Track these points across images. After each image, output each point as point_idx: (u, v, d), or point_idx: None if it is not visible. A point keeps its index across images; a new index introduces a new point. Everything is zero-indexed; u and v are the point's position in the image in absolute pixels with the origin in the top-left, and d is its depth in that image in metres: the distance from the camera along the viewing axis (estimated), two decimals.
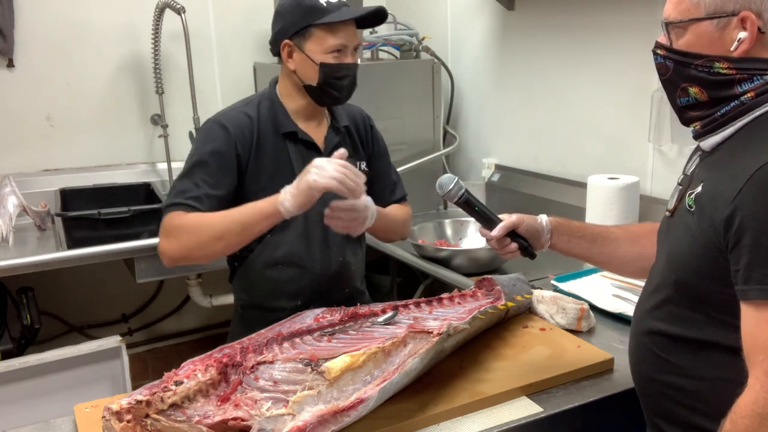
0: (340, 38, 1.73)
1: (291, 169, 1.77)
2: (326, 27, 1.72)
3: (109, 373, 2.40)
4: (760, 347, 1.03)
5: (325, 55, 1.73)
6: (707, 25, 1.14)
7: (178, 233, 1.65)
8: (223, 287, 3.28)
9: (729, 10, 1.12)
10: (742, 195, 1.06)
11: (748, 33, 1.11)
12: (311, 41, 1.73)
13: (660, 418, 1.29)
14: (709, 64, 1.15)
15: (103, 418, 1.20)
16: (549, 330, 1.75)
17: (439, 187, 1.52)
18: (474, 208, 1.51)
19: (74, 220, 2.69)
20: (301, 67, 1.76)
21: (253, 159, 1.77)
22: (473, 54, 3.22)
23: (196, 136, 1.75)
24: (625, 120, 2.46)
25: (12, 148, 3.08)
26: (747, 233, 1.04)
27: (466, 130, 3.34)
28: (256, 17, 3.40)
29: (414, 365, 1.37)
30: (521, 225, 1.48)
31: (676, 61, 1.19)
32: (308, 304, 1.80)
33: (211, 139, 1.74)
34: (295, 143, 1.82)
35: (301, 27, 1.73)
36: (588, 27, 2.58)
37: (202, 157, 1.72)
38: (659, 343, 1.26)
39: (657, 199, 2.35)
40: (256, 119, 1.79)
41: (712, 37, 1.14)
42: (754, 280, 1.04)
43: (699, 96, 1.18)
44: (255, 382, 1.28)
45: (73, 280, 3.06)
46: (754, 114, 1.14)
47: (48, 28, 3.06)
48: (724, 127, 1.16)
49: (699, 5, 1.15)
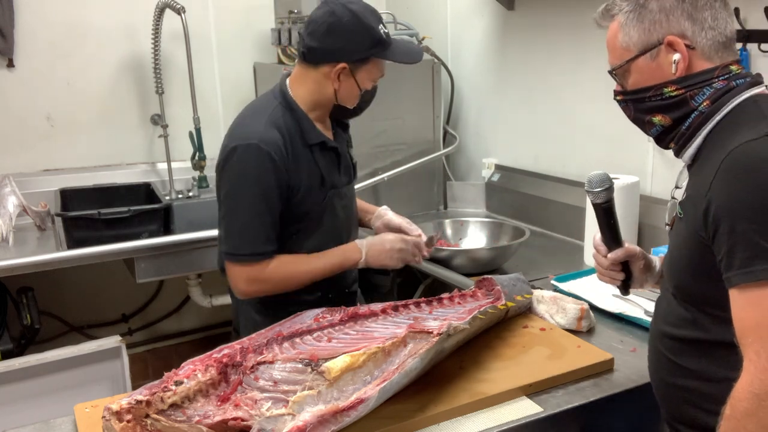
0: (384, 70, 1.83)
1: (320, 177, 1.83)
2: (383, 60, 1.78)
3: (109, 373, 2.41)
4: (749, 329, 1.05)
5: (369, 82, 1.81)
6: (642, 60, 1.24)
7: (265, 283, 1.78)
8: (223, 287, 3.28)
9: (655, 40, 1.22)
10: (714, 186, 1.11)
11: (680, 53, 1.20)
12: (365, 70, 1.77)
13: (680, 423, 1.29)
14: (659, 93, 1.24)
15: (103, 418, 1.20)
16: (549, 330, 1.75)
17: (589, 182, 1.48)
18: (610, 220, 1.47)
19: (74, 220, 2.69)
20: (346, 89, 1.79)
21: (293, 176, 1.78)
22: (473, 54, 3.22)
23: (237, 162, 1.72)
24: (625, 120, 2.43)
25: (12, 148, 3.08)
26: (723, 221, 1.08)
27: (466, 130, 3.34)
28: (256, 17, 3.40)
29: (414, 365, 1.37)
30: (639, 259, 1.49)
31: (632, 100, 1.29)
32: (325, 296, 1.89)
33: (263, 170, 1.72)
34: (321, 150, 1.84)
35: (365, 56, 1.75)
36: (588, 27, 2.56)
37: (263, 193, 1.73)
38: (670, 348, 1.28)
39: (657, 199, 2.36)
40: (286, 133, 1.77)
41: (651, 68, 1.24)
42: (735, 266, 1.07)
43: (664, 122, 1.26)
44: (255, 382, 1.28)
45: (73, 280, 3.06)
46: (716, 119, 1.20)
47: (48, 28, 3.06)
48: (693, 137, 1.23)
49: (629, 47, 1.25)
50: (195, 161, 3.20)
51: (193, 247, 2.76)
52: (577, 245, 2.55)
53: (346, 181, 1.94)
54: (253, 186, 1.72)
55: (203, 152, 3.18)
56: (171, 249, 2.72)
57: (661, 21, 1.21)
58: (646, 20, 1.22)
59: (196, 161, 3.20)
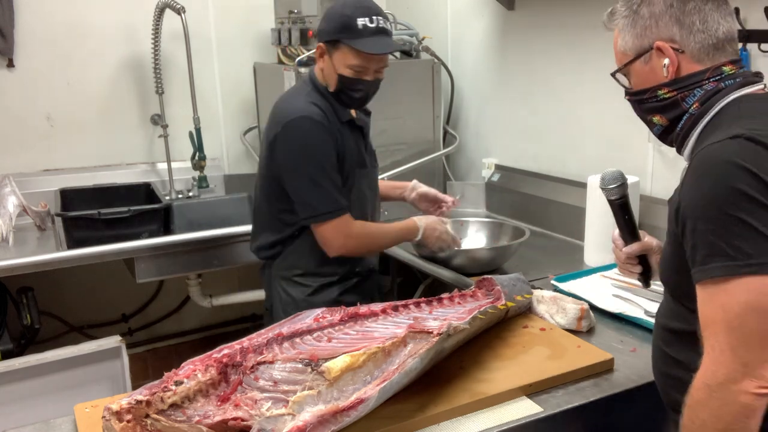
0: (361, 60, 1.91)
1: (354, 152, 2.02)
2: (352, 47, 1.88)
3: (109, 373, 2.41)
4: (707, 323, 1.11)
5: (345, 69, 1.92)
6: (638, 64, 1.30)
7: (359, 238, 1.99)
8: (223, 287, 3.28)
9: (646, 45, 1.27)
10: (682, 186, 1.18)
11: (669, 58, 1.25)
12: (338, 53, 1.92)
13: (673, 410, 1.32)
14: (654, 94, 1.29)
15: (103, 418, 1.20)
16: (549, 330, 1.75)
17: (603, 179, 1.52)
18: (625, 216, 1.52)
19: (74, 220, 2.69)
20: (327, 70, 1.97)
21: (338, 146, 1.97)
22: (473, 54, 3.22)
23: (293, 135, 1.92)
24: (625, 120, 2.46)
25: (12, 148, 3.08)
26: (688, 220, 1.14)
27: (466, 130, 3.34)
28: (256, 17, 3.40)
29: (414, 365, 1.37)
30: (656, 253, 1.54)
31: (634, 100, 1.35)
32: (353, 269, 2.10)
33: (320, 138, 1.92)
34: (351, 129, 2.02)
35: (332, 38, 1.91)
36: (588, 27, 2.58)
37: (325, 158, 1.93)
38: (664, 339, 1.33)
39: (657, 199, 2.35)
40: (323, 111, 1.95)
41: (646, 72, 1.29)
42: (697, 263, 1.12)
43: (661, 122, 1.32)
44: (255, 382, 1.28)
45: (73, 280, 3.06)
46: (704, 120, 1.24)
47: (48, 28, 3.06)
48: (687, 138, 1.27)
49: (626, 52, 1.31)
50: (195, 161, 3.20)
51: (193, 247, 2.76)
52: (577, 245, 2.54)
53: (370, 162, 2.14)
54: (315, 153, 1.91)
55: (203, 152, 3.19)
56: (171, 249, 2.72)
57: (651, 26, 1.26)
58: (638, 25, 1.28)
59: (196, 161, 3.20)
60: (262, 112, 3.39)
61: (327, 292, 2.07)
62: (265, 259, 2.16)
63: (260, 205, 2.11)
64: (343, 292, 2.08)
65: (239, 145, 3.51)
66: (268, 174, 2.02)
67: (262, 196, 2.08)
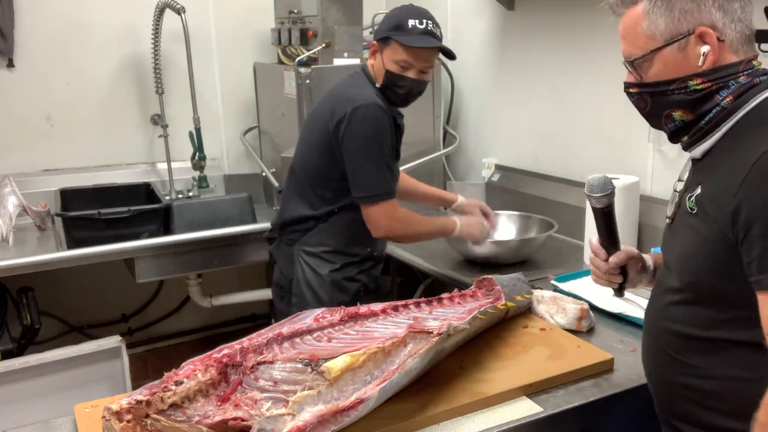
0: (407, 56, 2.04)
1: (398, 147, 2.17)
2: (401, 43, 2.02)
3: (109, 373, 2.41)
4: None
5: (392, 64, 2.05)
6: (669, 50, 1.18)
7: (403, 221, 2.10)
8: (223, 287, 3.28)
9: (684, 31, 1.16)
10: (745, 187, 1.07)
11: (710, 45, 1.15)
12: (387, 49, 2.06)
13: (677, 419, 1.29)
14: (683, 85, 1.18)
15: (103, 418, 1.20)
16: (549, 330, 1.75)
17: (590, 186, 1.45)
18: (609, 224, 1.45)
19: (74, 220, 2.69)
20: (377, 66, 2.10)
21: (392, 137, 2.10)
22: (473, 54, 3.22)
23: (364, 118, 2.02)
24: (625, 120, 2.46)
25: (12, 148, 3.08)
26: (756, 223, 1.05)
27: (466, 130, 3.34)
28: (256, 17, 3.40)
29: (414, 365, 1.37)
30: (637, 261, 1.47)
31: (651, 93, 1.23)
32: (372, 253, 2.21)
33: (385, 126, 2.04)
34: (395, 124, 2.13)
35: (384, 36, 2.05)
36: (588, 27, 2.58)
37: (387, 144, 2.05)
38: (674, 345, 1.26)
39: (657, 199, 2.36)
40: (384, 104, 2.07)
41: (678, 60, 1.18)
42: (766, 269, 1.05)
43: (685, 117, 1.21)
44: (255, 382, 1.28)
45: (73, 280, 3.06)
46: (738, 116, 1.16)
47: (48, 28, 3.06)
48: (711, 133, 1.19)
49: (655, 36, 1.18)
50: (195, 161, 3.20)
51: (193, 247, 2.76)
52: (577, 245, 2.55)
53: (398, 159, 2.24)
54: (380, 138, 2.03)
55: (203, 152, 3.19)
56: (171, 249, 2.73)
57: (692, 10, 1.15)
58: (675, 8, 1.16)
59: (196, 161, 3.20)
60: (262, 112, 3.39)
61: (347, 270, 2.17)
62: (288, 234, 2.21)
63: (299, 181, 2.18)
64: (359, 272, 2.19)
65: (239, 145, 3.51)
66: (322, 150, 2.09)
67: (303, 172, 2.16)
